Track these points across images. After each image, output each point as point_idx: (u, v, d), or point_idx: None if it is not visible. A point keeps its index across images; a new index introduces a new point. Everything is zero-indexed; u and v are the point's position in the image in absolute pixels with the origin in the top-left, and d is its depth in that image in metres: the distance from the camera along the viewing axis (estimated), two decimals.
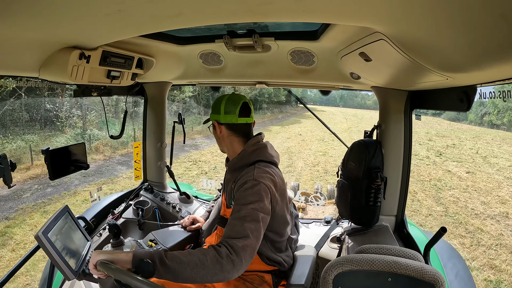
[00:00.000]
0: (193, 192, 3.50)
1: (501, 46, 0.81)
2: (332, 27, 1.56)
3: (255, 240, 1.66)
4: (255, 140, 2.06)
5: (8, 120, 13.51)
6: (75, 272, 1.58)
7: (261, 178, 1.83)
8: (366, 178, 2.20)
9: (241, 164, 1.99)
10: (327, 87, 2.56)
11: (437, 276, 1.36)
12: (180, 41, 2.12)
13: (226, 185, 2.17)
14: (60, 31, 1.26)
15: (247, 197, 1.76)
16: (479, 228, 9.66)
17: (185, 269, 1.46)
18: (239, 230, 1.64)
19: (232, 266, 1.53)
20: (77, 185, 11.60)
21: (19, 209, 9.54)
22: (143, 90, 3.09)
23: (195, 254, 1.52)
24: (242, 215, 1.69)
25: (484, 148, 25.06)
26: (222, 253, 1.53)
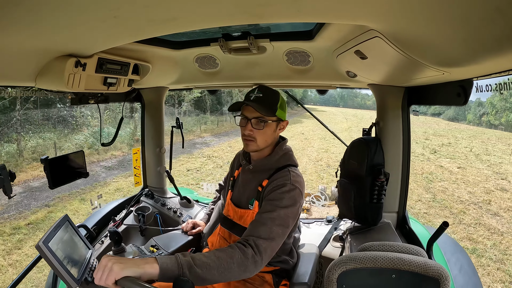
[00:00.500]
0: (193, 197, 3.50)
1: (497, 39, 0.81)
2: (327, 26, 1.56)
3: (278, 244, 1.68)
4: (285, 143, 2.05)
5: (25, 120, 14.03)
6: (77, 281, 1.57)
7: (298, 183, 1.84)
8: (369, 175, 2.19)
9: (270, 166, 1.98)
10: (323, 87, 2.57)
11: (441, 271, 1.36)
12: (176, 45, 2.12)
13: (242, 185, 2.11)
14: (56, 39, 1.25)
15: (283, 200, 1.76)
16: (462, 211, 11.00)
17: (213, 275, 1.44)
18: (266, 231, 1.65)
19: (254, 266, 1.55)
20: (105, 177, 12.85)
21: (56, 198, 10.44)
22: (140, 96, 3.09)
23: (222, 257, 1.49)
24: (274, 217, 1.70)
25: (478, 147, 25.78)
26: (248, 254, 1.54)
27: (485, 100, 49.79)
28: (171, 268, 1.37)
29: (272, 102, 1.90)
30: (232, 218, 2.10)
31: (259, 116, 1.87)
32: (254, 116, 1.88)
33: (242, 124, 1.93)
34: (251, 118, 1.89)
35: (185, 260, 1.42)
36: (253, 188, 2.00)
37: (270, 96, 1.91)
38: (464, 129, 42.28)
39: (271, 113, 1.88)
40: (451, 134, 33.53)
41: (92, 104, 2.30)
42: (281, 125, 1.98)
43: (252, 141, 1.91)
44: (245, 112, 1.92)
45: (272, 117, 1.90)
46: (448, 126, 44.30)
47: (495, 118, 46.11)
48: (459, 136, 32.54)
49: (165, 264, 1.37)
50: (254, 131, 1.89)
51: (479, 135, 34.92)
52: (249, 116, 1.89)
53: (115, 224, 2.82)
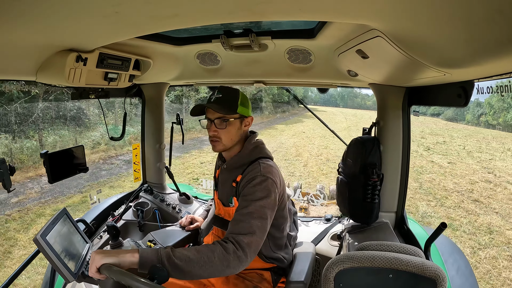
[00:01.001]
0: (192, 193, 3.50)
1: (499, 41, 0.81)
2: (329, 25, 1.56)
3: (260, 237, 1.69)
4: (254, 137, 2.06)
5: (39, 118, 14.24)
6: (74, 275, 1.58)
7: (269, 173, 1.85)
8: (362, 174, 2.22)
9: (243, 162, 1.98)
10: (324, 85, 2.56)
11: (438, 271, 1.36)
12: (177, 41, 2.12)
13: (221, 184, 2.14)
14: (57, 34, 1.25)
15: (256, 193, 1.78)
16: (445, 197, 11.99)
17: (193, 267, 1.47)
18: (245, 227, 1.66)
19: (238, 262, 1.57)
20: (126, 169, 13.52)
21: (86, 186, 11.26)
22: (140, 92, 3.09)
23: (202, 251, 1.52)
24: (249, 211, 1.71)
25: (472, 145, 26.03)
26: (229, 249, 1.56)
27: (483, 100, 50.34)
28: (150, 257, 1.45)
29: (232, 101, 1.92)
30: (223, 216, 2.13)
31: (221, 116, 1.90)
32: (216, 116, 1.91)
33: (207, 126, 1.96)
34: (213, 119, 1.92)
35: (165, 251, 1.48)
36: (230, 185, 2.03)
37: (229, 95, 1.93)
38: (461, 128, 42.65)
39: (232, 111, 1.91)
40: (448, 134, 33.92)
41: (93, 99, 2.30)
42: (246, 122, 2.00)
43: (217, 141, 1.95)
44: (208, 114, 1.95)
45: (233, 115, 1.92)
46: (445, 126, 44.68)
47: (493, 118, 46.40)
48: (455, 135, 33.01)
49: (144, 253, 1.46)
50: (218, 131, 1.92)
51: (475, 134, 35.33)
52: (212, 117, 1.92)
53: (113, 219, 2.83)
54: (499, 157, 20.84)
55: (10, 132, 12.57)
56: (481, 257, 7.36)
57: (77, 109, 15.67)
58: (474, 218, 9.99)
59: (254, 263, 2.04)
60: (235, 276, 2.08)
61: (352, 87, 2.63)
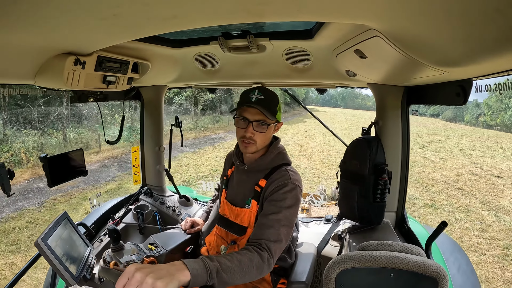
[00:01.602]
0: (192, 195, 3.50)
1: (497, 39, 0.81)
2: (327, 26, 1.56)
3: (285, 245, 1.76)
4: (278, 142, 2.06)
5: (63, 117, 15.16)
6: (76, 278, 1.58)
7: (297, 181, 1.87)
8: (372, 174, 2.18)
9: (266, 166, 1.98)
10: (323, 86, 2.56)
11: (439, 270, 1.36)
12: (175, 44, 2.12)
13: (236, 184, 2.10)
14: (55, 37, 1.25)
15: (286, 200, 1.80)
16: (431, 185, 13.46)
17: (236, 278, 1.47)
18: (275, 234, 1.70)
19: (268, 268, 1.63)
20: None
21: (118, 176, 12.84)
22: (139, 94, 3.08)
23: (244, 262, 1.51)
24: (279, 218, 1.74)
25: (466, 144, 27.05)
26: (265, 258, 1.60)
27: (481, 101, 51.13)
28: (201, 274, 1.35)
29: (274, 105, 1.88)
30: (228, 217, 2.10)
31: (262, 119, 1.84)
32: (256, 118, 1.84)
33: (242, 125, 1.89)
34: (252, 120, 1.84)
35: (213, 265, 1.40)
36: (249, 187, 2.00)
37: (272, 98, 1.89)
38: (459, 129, 43.24)
39: (273, 115, 1.86)
40: (444, 133, 34.61)
41: (91, 102, 2.30)
42: (277, 127, 1.99)
43: (252, 143, 1.88)
44: (245, 113, 1.86)
45: (273, 120, 1.88)
46: (444, 126, 45.40)
47: (491, 118, 47.15)
48: (451, 134, 33.76)
49: (195, 271, 1.33)
50: (255, 134, 1.86)
51: (471, 134, 36.02)
52: (251, 118, 1.84)
53: (114, 223, 2.82)
54: (490, 155, 22.07)
55: (37, 129, 13.61)
56: (456, 227, 9.16)
57: (95, 108, 16.25)
58: (455, 201, 11.61)
59: None
60: None
61: (351, 87, 2.63)
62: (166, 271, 1.26)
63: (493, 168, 17.32)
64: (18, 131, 12.85)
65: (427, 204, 11.07)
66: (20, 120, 13.17)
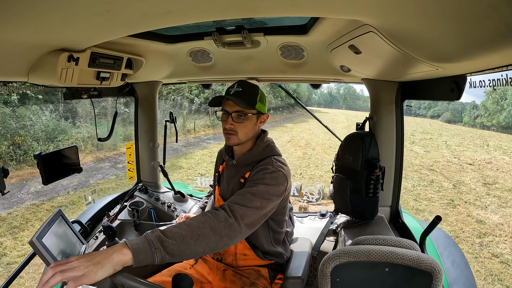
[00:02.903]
0: (187, 191, 3.49)
1: (491, 36, 0.82)
2: (321, 21, 1.56)
3: (256, 215, 1.68)
4: (266, 135, 2.07)
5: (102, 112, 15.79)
6: None
7: (280, 167, 1.88)
8: (365, 169, 2.19)
9: (253, 160, 1.99)
10: (317, 81, 2.57)
11: (434, 264, 1.37)
12: (169, 39, 2.10)
13: (226, 180, 2.13)
14: (48, 33, 1.24)
15: (265, 179, 1.80)
16: (408, 167, 15.41)
17: (189, 243, 1.39)
18: (245, 200, 1.67)
19: (230, 230, 1.53)
20: (185, 151, 16.64)
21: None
22: (133, 91, 3.07)
23: (193, 224, 1.46)
24: (254, 191, 1.72)
25: (456, 141, 28.20)
26: (220, 217, 1.53)
27: (479, 103, 52.40)
28: (143, 248, 1.30)
29: (252, 96, 1.93)
30: None
31: (239, 110, 1.90)
32: (234, 110, 1.90)
33: (223, 118, 1.96)
34: (231, 112, 1.91)
35: (155, 235, 1.36)
36: (237, 181, 2.02)
37: (250, 90, 1.94)
38: (454, 129, 44.24)
39: (251, 106, 1.91)
40: (438, 132, 35.54)
41: (85, 99, 2.28)
42: (262, 118, 2.01)
43: (233, 134, 1.94)
44: (225, 106, 1.94)
45: (252, 110, 1.92)
46: (440, 126, 46.48)
47: (487, 120, 48.13)
48: (444, 133, 34.69)
49: (135, 245, 1.29)
50: (235, 125, 1.92)
51: (464, 133, 36.91)
52: (230, 110, 1.92)
53: (109, 220, 2.81)
54: (472, 150, 23.38)
55: (87, 122, 14.92)
56: (419, 190, 12.08)
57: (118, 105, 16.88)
58: (424, 177, 14.17)
59: (251, 261, 2.06)
60: (232, 273, 2.09)
61: (345, 83, 2.63)
62: (101, 256, 1.23)
63: (468, 158, 19.26)
64: (72, 123, 14.29)
65: (407, 188, 12.39)
66: (73, 114, 14.55)
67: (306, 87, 42.78)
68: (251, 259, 2.05)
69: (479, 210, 10.32)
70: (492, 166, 17.29)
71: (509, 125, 42.39)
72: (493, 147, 24.73)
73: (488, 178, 14.60)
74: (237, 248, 2.05)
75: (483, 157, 20.07)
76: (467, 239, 8.24)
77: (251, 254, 2.04)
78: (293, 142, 21.51)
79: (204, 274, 2.14)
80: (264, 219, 1.77)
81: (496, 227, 9.02)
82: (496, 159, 19.28)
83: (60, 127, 13.48)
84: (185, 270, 2.12)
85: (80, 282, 1.15)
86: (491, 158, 19.71)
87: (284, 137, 23.25)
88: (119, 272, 1.25)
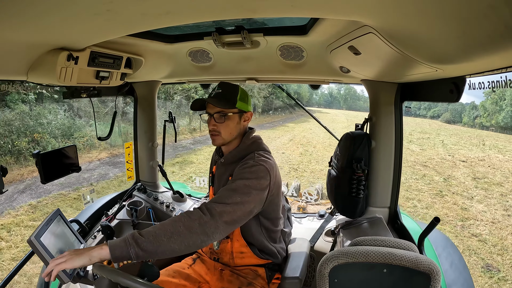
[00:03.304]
0: (186, 191, 3.49)
1: (491, 37, 0.82)
2: (321, 22, 1.56)
3: (236, 211, 1.69)
4: (252, 133, 2.09)
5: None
6: (69, 275, 1.57)
7: (261, 161, 1.88)
8: (348, 168, 2.26)
9: (240, 156, 2.00)
10: (317, 82, 2.56)
11: (432, 266, 1.37)
12: (169, 39, 2.10)
13: (218, 179, 2.15)
14: (48, 32, 1.24)
15: (244, 174, 1.81)
16: (410, 166, 15.98)
17: (162, 241, 1.49)
18: (221, 197, 1.70)
19: (205, 227, 1.57)
20: (193, 148, 17.67)
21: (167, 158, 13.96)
22: (132, 90, 3.06)
23: (166, 223, 1.56)
24: (233, 188, 1.75)
25: (452, 140, 28.86)
26: (194, 215, 1.58)
27: (478, 103, 53.19)
28: (119, 244, 1.46)
29: (231, 95, 1.97)
30: None
31: (220, 111, 1.96)
32: (215, 111, 1.96)
33: (208, 120, 2.01)
34: (213, 113, 1.97)
35: (131, 234, 1.49)
36: (225, 179, 2.04)
37: (229, 90, 1.99)
38: (453, 129, 44.80)
39: (231, 105, 1.96)
40: (436, 132, 36.13)
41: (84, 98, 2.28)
42: (245, 116, 2.04)
43: (217, 135, 1.99)
44: (208, 109, 2.00)
45: (232, 109, 1.97)
46: (439, 126, 47.14)
47: (486, 120, 48.87)
48: (442, 133, 35.25)
49: (113, 243, 1.46)
50: (217, 125, 1.97)
51: (462, 133, 37.51)
52: (211, 111, 1.98)
53: (107, 219, 2.81)
54: (468, 148, 24.09)
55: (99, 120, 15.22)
56: (411, 182, 13.06)
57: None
58: (417, 171, 15.12)
59: (248, 260, 2.06)
60: (230, 273, 2.09)
61: (345, 83, 2.63)
62: (84, 250, 1.48)
63: (462, 156, 20.08)
64: (85, 122, 14.93)
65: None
66: (86, 113, 15.25)
67: (307, 88, 43.46)
68: (248, 258, 2.06)
69: (465, 200, 11.48)
70: (484, 163, 18.27)
71: (508, 126, 42.99)
72: (489, 146, 25.39)
73: (479, 174, 15.75)
74: (233, 246, 2.06)
75: (477, 155, 20.96)
76: (450, 222, 9.24)
77: (248, 252, 2.04)
78: (294, 141, 22.54)
79: (202, 274, 2.15)
80: (250, 215, 1.79)
81: (479, 214, 10.12)
82: (489, 157, 20.18)
83: (76, 125, 14.31)
84: (183, 270, 2.12)
85: (61, 266, 1.42)
86: (484, 156, 20.59)
87: (286, 136, 24.35)
88: (98, 264, 1.44)
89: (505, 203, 11.16)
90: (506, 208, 10.74)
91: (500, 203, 11.22)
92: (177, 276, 2.06)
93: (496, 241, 8.15)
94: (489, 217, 9.79)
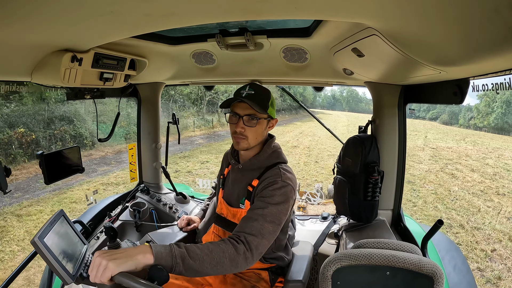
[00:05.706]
0: (189, 192, 3.49)
1: (494, 39, 0.81)
2: (324, 24, 1.56)
3: (269, 241, 1.68)
4: (273, 141, 2.04)
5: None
6: (72, 276, 1.57)
7: (289, 180, 1.84)
8: (363, 173, 2.21)
9: (260, 165, 1.96)
10: (320, 84, 2.56)
11: (435, 268, 1.37)
12: (172, 41, 2.11)
13: (232, 184, 2.10)
14: (52, 33, 1.24)
15: (275, 197, 1.76)
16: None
17: (205, 268, 1.44)
18: (257, 227, 1.64)
19: (245, 262, 1.55)
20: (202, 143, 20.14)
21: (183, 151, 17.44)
22: (136, 92, 3.07)
23: (215, 251, 1.48)
24: (265, 214, 1.69)
25: (439, 138, 31.36)
26: (240, 250, 1.54)
27: (473, 105, 56.36)
28: (165, 258, 1.36)
29: (264, 100, 1.88)
30: (226, 216, 2.09)
31: (252, 113, 1.84)
32: (246, 113, 1.85)
33: (233, 121, 1.90)
34: (243, 115, 1.85)
35: (180, 251, 1.41)
36: (243, 187, 1.99)
37: (262, 93, 1.89)
38: (444, 129, 47.11)
39: (263, 110, 1.86)
40: (426, 131, 38.85)
41: (88, 99, 2.29)
42: (271, 123, 1.97)
43: (243, 139, 1.88)
44: (236, 109, 1.88)
45: (264, 115, 1.88)
46: (432, 127, 49.35)
47: (480, 121, 51.47)
48: (431, 131, 38.28)
49: (159, 254, 1.36)
50: (245, 129, 1.86)
51: (451, 132, 40.30)
52: (241, 113, 1.86)
53: (110, 220, 2.82)
54: (445, 142, 27.64)
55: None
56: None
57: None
58: (410, 165, 16.58)
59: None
60: (233, 276, 2.08)
61: (348, 85, 2.63)
62: (125, 253, 1.35)
63: (435, 145, 23.63)
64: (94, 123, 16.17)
65: None
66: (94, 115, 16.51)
67: (311, 90, 44.68)
68: None
69: (415, 163, 16.84)
70: (450, 150, 22.55)
71: (498, 126, 45.53)
72: (468, 141, 28.24)
73: (439, 154, 20.15)
74: None
75: (449, 145, 24.86)
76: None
77: None
78: (303, 135, 26.84)
79: (205, 277, 2.14)
80: (275, 238, 1.76)
81: (419, 169, 15.94)
82: (458, 147, 24.55)
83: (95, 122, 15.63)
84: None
85: (106, 271, 1.30)
86: (456, 146, 24.63)
87: (295, 131, 29.00)
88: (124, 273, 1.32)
89: (446, 168, 17.09)
90: (442, 167, 17.11)
91: (440, 166, 17.34)
92: (180, 278, 2.04)
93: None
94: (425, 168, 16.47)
